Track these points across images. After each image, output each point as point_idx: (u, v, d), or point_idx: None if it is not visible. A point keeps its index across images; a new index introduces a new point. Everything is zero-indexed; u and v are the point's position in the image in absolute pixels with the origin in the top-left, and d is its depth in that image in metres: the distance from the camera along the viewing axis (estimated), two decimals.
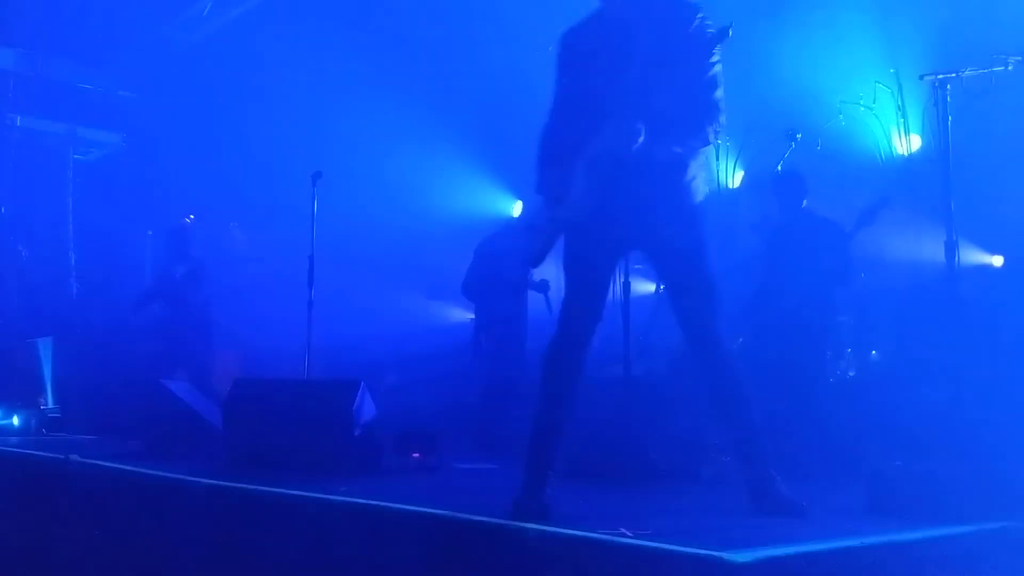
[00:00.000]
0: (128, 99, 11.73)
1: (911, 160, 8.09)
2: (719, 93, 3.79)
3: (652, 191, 3.74)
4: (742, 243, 7.37)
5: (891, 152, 8.22)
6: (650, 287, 7.85)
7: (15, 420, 8.31)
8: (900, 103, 7.95)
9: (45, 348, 9.39)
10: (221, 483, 4.54)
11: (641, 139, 3.61)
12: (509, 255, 7.85)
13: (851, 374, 6.89)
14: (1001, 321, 5.95)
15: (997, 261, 7.25)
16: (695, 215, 3.82)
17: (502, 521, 3.34)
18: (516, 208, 10.56)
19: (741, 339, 6.46)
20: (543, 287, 7.79)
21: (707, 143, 3.84)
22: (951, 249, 4.78)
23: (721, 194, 8.66)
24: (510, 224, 8.18)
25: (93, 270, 10.96)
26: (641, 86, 3.67)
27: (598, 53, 3.84)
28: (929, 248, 6.21)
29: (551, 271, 7.48)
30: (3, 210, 10.67)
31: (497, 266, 7.86)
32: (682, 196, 3.81)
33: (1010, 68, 4.79)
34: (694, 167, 3.84)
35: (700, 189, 3.86)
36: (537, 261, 3.96)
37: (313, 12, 10.28)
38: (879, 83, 7.93)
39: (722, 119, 3.81)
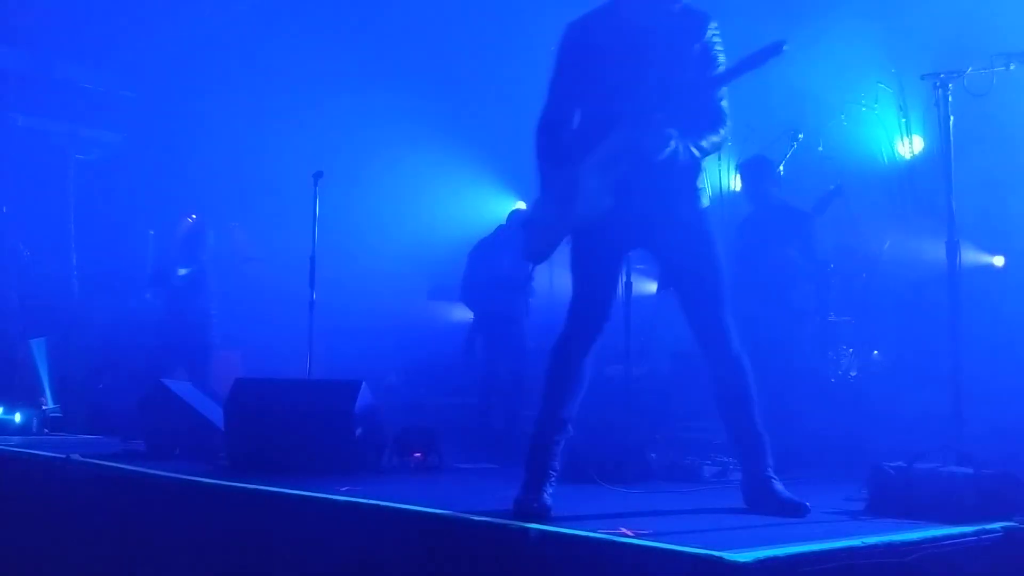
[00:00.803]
0: (129, 99, 11.73)
1: (913, 161, 8.08)
2: (725, 102, 3.84)
3: (667, 192, 3.77)
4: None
5: (893, 153, 8.22)
6: (652, 287, 7.85)
7: (16, 417, 8.31)
8: (902, 103, 7.95)
9: (40, 348, 9.39)
10: (222, 483, 4.54)
11: (673, 144, 3.63)
12: (501, 256, 7.87)
13: (852, 374, 6.89)
14: (1002, 321, 5.95)
15: (998, 261, 7.24)
16: (705, 215, 3.87)
17: (502, 521, 3.34)
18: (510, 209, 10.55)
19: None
20: (528, 291, 7.80)
21: (717, 148, 3.89)
22: (952, 249, 4.77)
23: (723, 197, 8.65)
24: (500, 226, 8.17)
25: (95, 270, 10.95)
26: (659, 90, 3.70)
27: (610, 51, 3.81)
28: (930, 248, 6.21)
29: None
30: (4, 209, 10.66)
31: (490, 268, 7.88)
32: (693, 197, 3.85)
33: (1012, 68, 4.79)
34: (703, 172, 3.89)
35: (706, 192, 3.91)
36: (541, 259, 3.95)
37: (314, 12, 10.29)
38: (880, 83, 7.93)
39: (729, 124, 3.86)
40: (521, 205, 10.10)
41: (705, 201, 3.89)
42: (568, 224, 3.84)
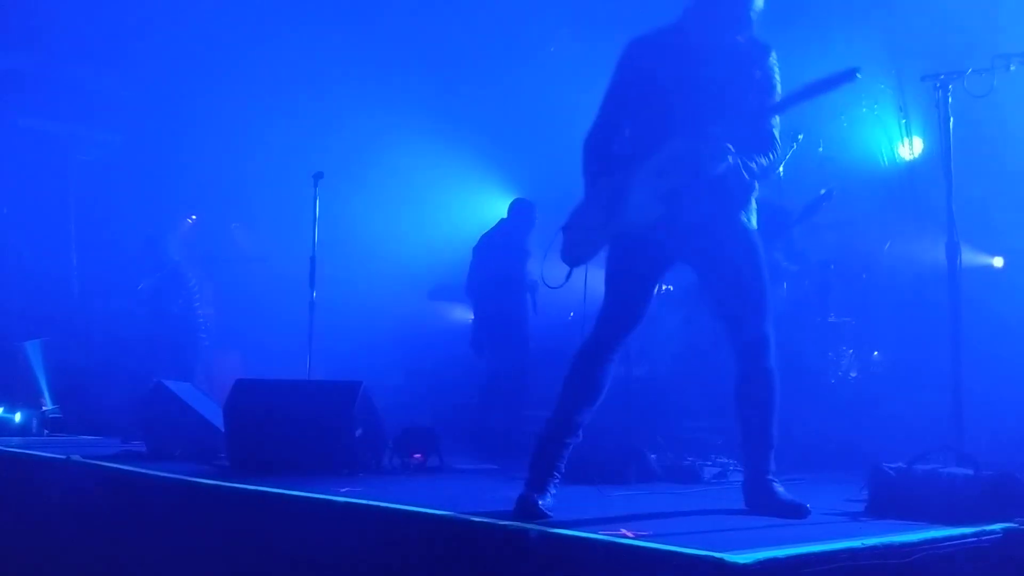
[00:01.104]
0: (129, 99, 11.72)
1: (913, 162, 8.08)
2: (776, 130, 3.89)
3: (718, 204, 3.79)
4: None
5: (893, 154, 8.22)
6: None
7: (16, 417, 8.31)
8: (902, 104, 7.94)
9: (35, 349, 9.39)
10: (222, 484, 4.54)
11: (731, 160, 3.65)
12: (503, 252, 7.86)
13: (853, 375, 6.89)
14: (1001, 322, 5.95)
15: (998, 262, 7.25)
16: (752, 231, 3.89)
17: (502, 522, 3.34)
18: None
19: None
20: (531, 288, 7.79)
21: (765, 173, 3.90)
22: (952, 250, 4.78)
23: None
24: (503, 221, 8.15)
25: (95, 270, 10.95)
26: (716, 108, 3.74)
27: (671, 70, 3.84)
28: (930, 249, 6.21)
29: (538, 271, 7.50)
30: (4, 210, 10.66)
31: (493, 264, 7.86)
32: (744, 212, 3.87)
33: (1012, 69, 4.79)
34: (754, 190, 3.91)
35: (754, 215, 3.93)
36: (580, 262, 3.95)
37: (315, 12, 10.29)
38: (881, 84, 7.93)
39: (779, 152, 3.91)
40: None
41: (753, 218, 3.91)
42: (614, 229, 3.85)
